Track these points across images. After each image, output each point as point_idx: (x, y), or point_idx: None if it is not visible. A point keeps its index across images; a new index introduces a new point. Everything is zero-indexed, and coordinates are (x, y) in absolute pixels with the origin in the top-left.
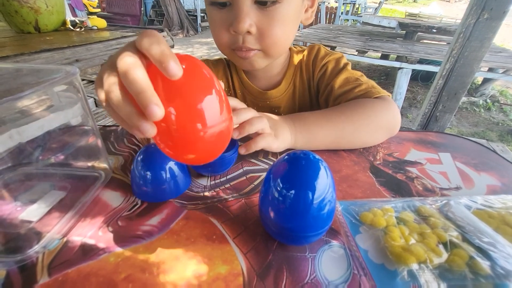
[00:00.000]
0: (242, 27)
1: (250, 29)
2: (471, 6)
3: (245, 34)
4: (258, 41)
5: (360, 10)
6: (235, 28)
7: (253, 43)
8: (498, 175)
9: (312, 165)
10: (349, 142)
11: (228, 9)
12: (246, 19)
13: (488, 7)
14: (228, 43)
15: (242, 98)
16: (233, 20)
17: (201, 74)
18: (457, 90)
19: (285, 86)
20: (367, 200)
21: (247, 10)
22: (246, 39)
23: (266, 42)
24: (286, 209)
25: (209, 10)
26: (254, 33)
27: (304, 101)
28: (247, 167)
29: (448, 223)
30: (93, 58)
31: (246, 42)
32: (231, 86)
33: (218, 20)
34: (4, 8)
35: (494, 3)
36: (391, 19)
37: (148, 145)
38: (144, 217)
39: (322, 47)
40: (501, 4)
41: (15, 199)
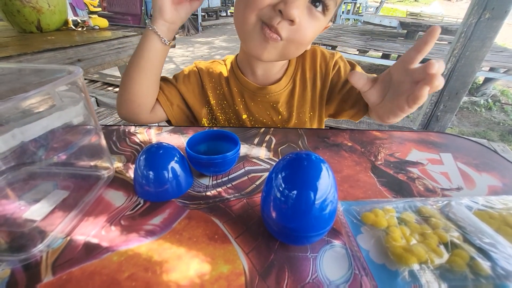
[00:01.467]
0: (294, 13)
1: (295, 19)
2: (472, 6)
3: (284, 21)
4: (289, 31)
5: (361, 9)
6: (287, 10)
7: (285, 32)
8: (499, 175)
9: (314, 166)
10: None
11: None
12: (300, 8)
13: (490, 6)
14: (263, 14)
15: (239, 95)
16: (288, 1)
17: None
18: (458, 90)
19: (286, 82)
20: (368, 201)
21: (304, 1)
22: (282, 24)
23: (295, 36)
24: (288, 209)
25: None
26: (296, 23)
27: (303, 97)
28: (248, 167)
29: (449, 223)
30: (95, 57)
31: (280, 25)
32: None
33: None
34: (6, 7)
35: (495, 2)
36: (392, 19)
37: (150, 145)
38: (147, 216)
39: (322, 48)
40: (502, 4)
41: (19, 198)
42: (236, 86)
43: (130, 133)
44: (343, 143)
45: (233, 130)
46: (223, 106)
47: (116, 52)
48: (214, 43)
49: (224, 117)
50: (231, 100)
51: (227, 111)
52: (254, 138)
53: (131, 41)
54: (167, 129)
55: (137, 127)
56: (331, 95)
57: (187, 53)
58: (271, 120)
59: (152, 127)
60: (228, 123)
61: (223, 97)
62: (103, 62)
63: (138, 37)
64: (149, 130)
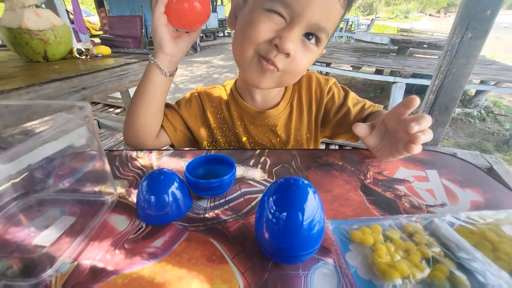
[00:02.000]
0: (289, 47)
1: (290, 52)
2: (455, 26)
3: (280, 53)
4: (285, 63)
5: (353, 27)
6: (283, 45)
7: (281, 63)
8: (481, 190)
9: (302, 190)
10: None
11: (281, 23)
12: (294, 42)
13: (471, 27)
14: (260, 48)
15: (239, 118)
16: (283, 36)
17: None
18: (448, 105)
19: (283, 106)
20: (356, 219)
21: (298, 36)
22: (278, 56)
23: (290, 67)
24: (279, 230)
25: (259, 12)
26: (291, 56)
27: (300, 121)
28: (245, 188)
29: (432, 240)
30: (98, 85)
31: (276, 58)
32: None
33: (266, 24)
34: (15, 40)
35: (476, 23)
36: (383, 36)
37: (152, 171)
38: (149, 239)
39: (317, 73)
40: (482, 24)
41: (29, 225)
42: (236, 110)
43: (132, 157)
44: (334, 163)
45: (230, 152)
46: (224, 129)
47: (118, 79)
48: (212, 62)
49: (224, 139)
50: (231, 124)
51: (227, 134)
52: (250, 159)
53: (133, 67)
54: (167, 153)
55: (138, 152)
56: (326, 119)
57: (186, 73)
58: (270, 142)
59: (153, 152)
60: (228, 145)
61: (224, 121)
62: (106, 88)
63: (140, 64)
64: (150, 155)
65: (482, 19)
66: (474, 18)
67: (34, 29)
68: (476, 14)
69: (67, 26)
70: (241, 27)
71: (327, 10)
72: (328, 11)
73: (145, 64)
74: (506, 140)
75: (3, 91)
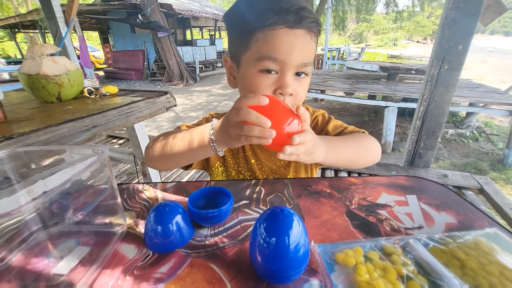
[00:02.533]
0: (289, 90)
1: (292, 92)
2: (432, 60)
3: (286, 96)
4: (292, 100)
5: (345, 55)
6: (284, 91)
7: (289, 102)
8: (455, 213)
9: (287, 218)
10: (357, 162)
11: (273, 76)
12: (292, 85)
13: (447, 59)
14: None
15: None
16: (281, 84)
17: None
18: (434, 129)
19: None
20: (341, 242)
21: (292, 78)
22: (286, 99)
23: (295, 101)
24: (269, 254)
25: (255, 75)
26: (292, 95)
27: None
28: (241, 216)
29: (407, 259)
30: (107, 123)
31: (285, 101)
32: None
33: (264, 82)
34: (33, 85)
35: (451, 57)
36: (373, 63)
37: (158, 204)
38: (156, 266)
39: (307, 106)
40: (456, 58)
41: (48, 255)
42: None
43: (138, 190)
44: (323, 190)
45: (228, 183)
46: (234, 152)
47: (125, 116)
48: (212, 91)
49: (234, 161)
50: (241, 147)
51: (237, 156)
52: (246, 189)
53: (138, 105)
54: (171, 186)
55: (144, 184)
56: None
57: (187, 101)
58: (275, 165)
59: (158, 185)
60: (237, 166)
61: None
62: (114, 126)
63: (144, 102)
64: (155, 187)
65: (455, 53)
66: (448, 52)
67: (50, 74)
68: (449, 49)
69: (79, 70)
70: (244, 88)
71: (305, 50)
72: (306, 50)
73: (149, 102)
74: (501, 159)
75: (24, 133)
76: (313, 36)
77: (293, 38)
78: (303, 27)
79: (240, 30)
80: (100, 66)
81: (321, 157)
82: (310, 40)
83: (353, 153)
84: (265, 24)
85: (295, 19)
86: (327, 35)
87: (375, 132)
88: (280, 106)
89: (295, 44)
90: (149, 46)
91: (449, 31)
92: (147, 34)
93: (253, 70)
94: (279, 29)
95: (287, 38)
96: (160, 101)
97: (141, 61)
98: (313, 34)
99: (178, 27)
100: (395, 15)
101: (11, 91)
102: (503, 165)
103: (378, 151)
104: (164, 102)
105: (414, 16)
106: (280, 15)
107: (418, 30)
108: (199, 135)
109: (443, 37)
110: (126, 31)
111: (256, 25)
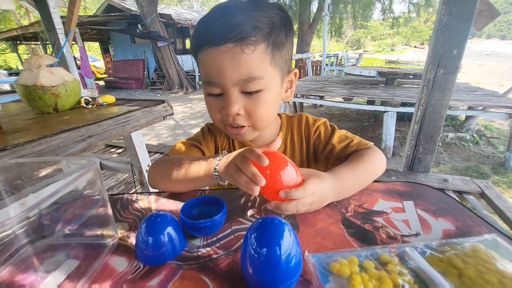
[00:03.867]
0: (232, 111)
1: (239, 112)
2: (427, 64)
3: (235, 115)
4: (247, 119)
5: (343, 61)
6: (227, 112)
7: (242, 121)
8: (453, 219)
9: (278, 228)
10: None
11: (222, 97)
12: (235, 105)
13: (442, 64)
14: (221, 120)
15: None
16: (224, 106)
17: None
18: (433, 133)
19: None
20: (335, 252)
21: (235, 98)
22: (236, 118)
23: (253, 120)
24: (260, 264)
25: (206, 97)
26: (242, 114)
27: (293, 158)
28: (235, 226)
29: (403, 268)
30: (103, 132)
31: (236, 120)
32: (231, 146)
33: (213, 105)
34: (30, 96)
35: (446, 61)
36: (371, 69)
37: (150, 215)
38: (146, 279)
39: (308, 114)
40: (452, 62)
41: (37, 269)
42: (239, 146)
43: (132, 200)
44: None
45: (222, 191)
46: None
47: (121, 126)
48: None
49: None
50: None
51: None
52: (241, 198)
53: (135, 114)
54: (165, 195)
55: (138, 194)
56: (316, 156)
57: (186, 109)
58: None
59: (152, 194)
60: None
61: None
62: (110, 135)
63: (141, 111)
64: (149, 197)
65: (450, 57)
66: (443, 56)
67: (47, 85)
68: (444, 54)
69: (76, 81)
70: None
71: (237, 66)
72: (239, 65)
73: (146, 111)
74: (502, 162)
75: (18, 144)
76: (247, 47)
77: (219, 56)
78: (229, 42)
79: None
80: (101, 76)
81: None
82: (242, 53)
83: (359, 185)
84: (196, 47)
85: (221, 34)
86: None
87: (375, 137)
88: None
89: (222, 62)
90: (149, 56)
91: (443, 36)
92: (147, 44)
93: (205, 92)
94: (205, 50)
95: (214, 58)
96: (157, 110)
97: (141, 70)
98: (247, 44)
99: (177, 36)
100: (392, 21)
101: (9, 102)
102: (504, 168)
103: (383, 167)
104: (161, 111)
105: (411, 21)
106: (206, 34)
107: (415, 36)
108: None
109: (438, 42)
110: (126, 41)
111: (194, 49)
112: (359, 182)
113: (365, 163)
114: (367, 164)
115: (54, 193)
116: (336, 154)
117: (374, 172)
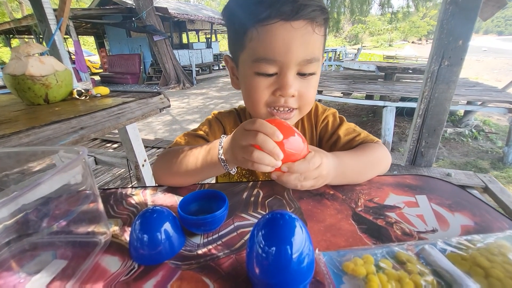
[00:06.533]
0: (290, 92)
1: (294, 93)
2: (432, 55)
3: (289, 97)
4: (297, 102)
5: (341, 56)
6: (284, 93)
7: (294, 104)
8: (470, 214)
9: (288, 224)
10: (364, 179)
11: (274, 78)
12: (293, 85)
13: (447, 55)
14: (268, 103)
15: None
16: (281, 86)
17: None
18: (436, 127)
19: None
20: (348, 250)
21: (293, 79)
22: (288, 101)
23: (303, 102)
24: (269, 265)
25: (251, 77)
26: (296, 96)
27: None
28: (238, 222)
29: (424, 268)
30: (96, 124)
31: (288, 103)
32: None
33: (263, 85)
34: (19, 86)
35: (451, 52)
36: (370, 64)
37: (145, 210)
38: (141, 280)
39: (318, 103)
40: (457, 53)
41: (20, 270)
42: None
43: (126, 195)
44: (326, 192)
45: (223, 185)
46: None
47: (115, 118)
48: (208, 94)
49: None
50: None
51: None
52: (243, 192)
53: (130, 106)
54: (161, 189)
55: (133, 189)
56: (320, 145)
57: (183, 105)
58: None
59: (148, 188)
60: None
61: None
62: (104, 127)
63: (136, 102)
64: (144, 191)
65: (455, 48)
66: (447, 47)
67: (37, 75)
68: (449, 44)
69: (68, 70)
70: (244, 91)
71: (307, 45)
72: (308, 44)
73: (142, 103)
74: (501, 157)
75: (3, 136)
76: (316, 27)
77: (291, 33)
78: (303, 18)
79: (234, 27)
80: (96, 70)
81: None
82: (313, 32)
83: (360, 174)
84: (258, 19)
85: (292, 9)
86: None
87: (374, 133)
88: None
89: (294, 39)
90: (145, 50)
91: (449, 26)
92: (143, 38)
93: (250, 72)
94: (273, 24)
95: (283, 33)
96: (153, 101)
97: (137, 65)
98: (317, 24)
99: (174, 30)
100: (390, 16)
101: (0, 94)
102: (503, 164)
103: (387, 164)
104: (157, 102)
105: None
106: (273, 7)
107: (413, 31)
108: (209, 156)
109: (443, 32)
110: (122, 35)
111: (249, 21)
112: (360, 170)
113: (368, 155)
114: (370, 156)
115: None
116: (340, 146)
117: (377, 166)
